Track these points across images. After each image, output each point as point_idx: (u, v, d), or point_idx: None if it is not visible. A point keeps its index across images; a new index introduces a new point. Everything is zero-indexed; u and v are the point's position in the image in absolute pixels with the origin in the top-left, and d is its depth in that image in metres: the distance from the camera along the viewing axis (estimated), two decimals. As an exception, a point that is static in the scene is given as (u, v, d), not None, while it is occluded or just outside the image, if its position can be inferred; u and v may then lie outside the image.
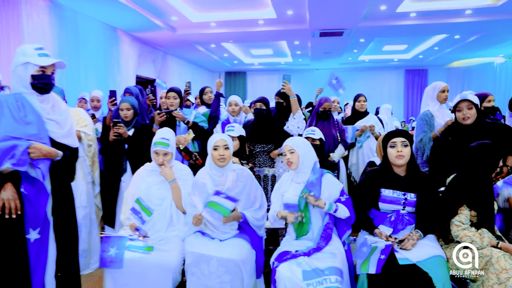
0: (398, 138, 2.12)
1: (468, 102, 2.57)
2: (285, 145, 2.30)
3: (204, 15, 6.72)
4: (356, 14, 6.09)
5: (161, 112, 3.21)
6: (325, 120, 3.57)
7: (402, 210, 2.11)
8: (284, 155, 2.31)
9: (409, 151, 2.10)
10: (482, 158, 2.07)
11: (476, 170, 2.09)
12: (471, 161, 2.11)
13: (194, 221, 2.22)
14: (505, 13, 6.36)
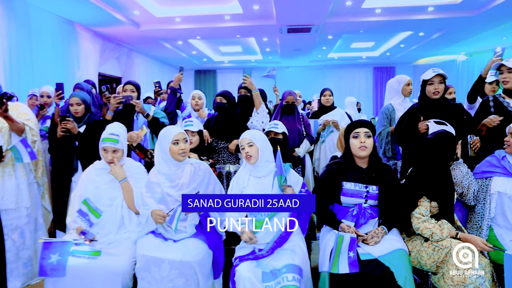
0: (362, 129, 2.04)
1: (440, 77, 2.56)
2: (243, 138, 2.19)
3: (168, 10, 6.50)
4: (323, 9, 6.07)
5: (117, 96, 2.97)
6: (289, 114, 3.48)
7: (364, 203, 2.04)
8: (242, 149, 2.19)
9: (372, 143, 2.03)
10: (438, 148, 2.03)
11: (433, 161, 2.05)
12: (428, 152, 2.07)
13: (160, 220, 2.07)
14: (465, 11, 6.53)
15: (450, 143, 2.03)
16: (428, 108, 2.61)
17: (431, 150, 2.06)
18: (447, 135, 2.06)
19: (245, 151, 2.15)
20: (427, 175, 2.05)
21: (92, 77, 7.00)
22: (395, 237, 1.99)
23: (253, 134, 2.20)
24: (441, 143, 2.04)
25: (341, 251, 1.82)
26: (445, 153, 2.03)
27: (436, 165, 2.04)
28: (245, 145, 2.16)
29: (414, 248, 2.03)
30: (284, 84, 12.92)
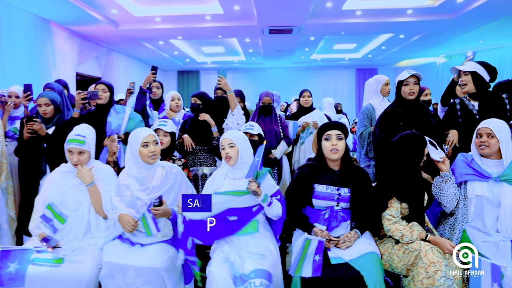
0: (333, 131, 2.02)
1: (415, 78, 2.59)
2: (224, 138, 2.14)
3: (148, 9, 6.38)
4: (303, 10, 6.07)
5: (81, 92, 2.86)
6: (266, 116, 3.44)
7: (336, 206, 2.02)
8: (222, 149, 2.14)
9: (343, 145, 2.01)
10: (402, 150, 2.02)
11: (399, 163, 2.02)
12: (393, 154, 2.05)
13: (130, 228, 1.99)
14: (442, 14, 6.64)
15: (414, 145, 2.00)
16: (403, 109, 2.61)
17: (396, 152, 2.04)
18: (412, 137, 2.04)
19: (225, 151, 2.10)
20: (396, 177, 2.03)
21: (69, 77, 6.81)
22: (368, 240, 1.97)
23: (235, 135, 2.15)
24: (405, 145, 2.02)
25: (307, 254, 1.79)
26: (411, 155, 2.00)
27: (403, 167, 2.02)
28: (226, 145, 2.11)
29: (385, 251, 2.02)
30: (267, 85, 12.92)
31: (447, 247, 1.83)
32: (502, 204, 1.97)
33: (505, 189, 1.98)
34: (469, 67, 2.53)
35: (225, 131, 3.09)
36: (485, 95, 2.54)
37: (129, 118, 3.06)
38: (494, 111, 2.50)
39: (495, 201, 1.99)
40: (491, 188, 2.00)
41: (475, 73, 2.50)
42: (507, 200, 1.97)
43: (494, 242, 1.96)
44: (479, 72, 2.49)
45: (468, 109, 2.57)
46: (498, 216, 1.99)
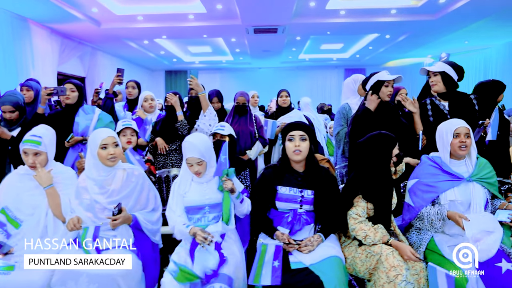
0: (297, 132, 1.96)
1: (393, 81, 2.59)
2: (192, 157, 1.99)
3: (129, 8, 6.29)
4: (286, 10, 6.03)
5: (48, 87, 2.79)
6: (241, 116, 3.39)
7: (299, 208, 1.96)
8: (190, 166, 2.03)
9: (307, 146, 1.95)
10: (374, 149, 1.98)
11: (370, 162, 1.99)
12: (364, 153, 2.01)
13: (70, 227, 1.91)
14: (426, 14, 6.65)
15: (382, 145, 1.96)
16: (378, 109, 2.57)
17: (364, 152, 2.01)
18: (380, 137, 2.00)
19: (195, 169, 2.01)
20: (364, 176, 1.99)
21: (50, 76, 6.69)
22: (332, 244, 1.92)
23: (201, 151, 1.99)
24: (373, 145, 1.99)
25: (265, 261, 1.73)
26: (379, 155, 1.96)
27: (371, 167, 1.98)
28: (195, 164, 2.00)
29: (349, 255, 1.97)
30: (256, 85, 12.89)
31: (407, 253, 1.79)
32: (473, 204, 1.95)
33: (475, 189, 1.97)
34: (438, 67, 2.51)
35: (197, 132, 3.04)
36: (454, 95, 2.52)
37: (98, 119, 2.98)
38: (464, 110, 2.48)
39: (466, 202, 1.97)
40: (462, 190, 1.98)
41: (444, 73, 2.47)
42: (477, 200, 1.95)
43: (461, 246, 1.93)
44: (448, 72, 2.47)
45: (439, 108, 2.54)
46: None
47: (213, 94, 4.09)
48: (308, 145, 1.95)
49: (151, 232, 2.13)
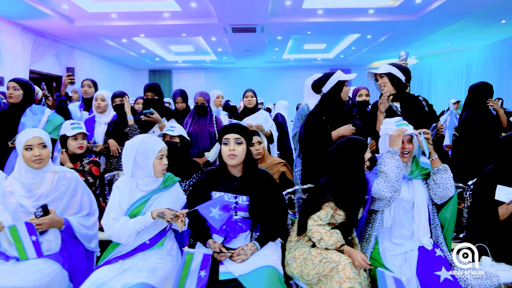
0: (231, 135, 1.85)
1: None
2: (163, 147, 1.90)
3: (102, 5, 6.13)
4: (262, 9, 5.92)
5: None
6: (201, 116, 3.27)
7: (234, 215, 1.86)
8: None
9: (243, 149, 1.84)
10: (346, 156, 1.88)
11: (343, 169, 1.88)
12: (337, 161, 1.90)
13: None
14: (404, 14, 6.61)
15: (353, 151, 1.87)
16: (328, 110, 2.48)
17: (336, 159, 1.91)
18: (350, 142, 1.91)
19: (164, 162, 1.89)
20: (337, 183, 1.88)
21: (20, 74, 6.49)
22: (268, 253, 1.82)
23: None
24: (343, 152, 1.89)
25: (191, 270, 1.62)
26: (351, 161, 1.86)
27: (345, 174, 1.87)
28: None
29: (301, 255, 1.86)
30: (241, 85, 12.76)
31: (358, 260, 1.69)
32: (416, 203, 1.89)
33: (416, 187, 1.93)
34: (383, 70, 2.44)
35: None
36: (404, 96, 2.46)
37: (47, 120, 2.83)
38: (415, 112, 2.42)
39: (410, 201, 1.91)
40: (407, 189, 1.93)
41: (391, 74, 2.41)
42: (419, 197, 1.92)
43: (403, 253, 1.85)
44: (394, 73, 2.40)
45: (392, 110, 2.47)
46: (414, 217, 1.90)
47: (177, 94, 3.97)
48: (245, 149, 1.84)
49: (85, 238, 2.01)
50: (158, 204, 1.87)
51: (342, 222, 1.88)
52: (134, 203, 1.86)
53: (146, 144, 1.87)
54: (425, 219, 1.89)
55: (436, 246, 1.89)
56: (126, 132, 2.91)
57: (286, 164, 2.83)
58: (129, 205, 1.86)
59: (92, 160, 2.65)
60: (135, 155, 1.85)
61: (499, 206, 2.00)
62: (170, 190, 1.95)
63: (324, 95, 2.52)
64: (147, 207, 1.84)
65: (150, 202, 1.86)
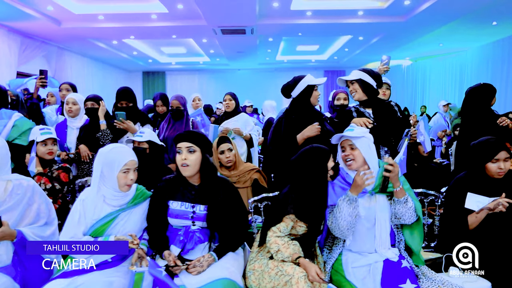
0: (184, 143, 1.78)
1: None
2: (131, 160, 1.79)
3: (88, 7, 6.08)
4: (249, 11, 5.87)
5: None
6: (177, 120, 3.21)
7: (192, 225, 1.79)
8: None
9: (197, 158, 1.77)
10: (308, 165, 1.81)
11: (305, 179, 1.81)
12: (298, 170, 1.83)
13: None
14: (394, 16, 6.56)
15: (315, 160, 1.79)
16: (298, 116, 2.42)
17: (297, 168, 1.84)
18: (312, 151, 1.83)
19: (130, 176, 1.79)
20: (299, 194, 1.81)
21: (7, 76, 6.43)
22: (227, 264, 1.75)
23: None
24: (305, 161, 1.82)
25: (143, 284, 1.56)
26: (312, 171, 1.79)
27: (306, 184, 1.80)
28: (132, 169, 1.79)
29: (259, 268, 1.80)
30: (235, 86, 12.72)
31: (312, 273, 1.63)
32: (377, 220, 1.80)
33: (378, 201, 1.82)
34: (353, 76, 2.38)
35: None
36: (376, 102, 2.40)
37: (14, 125, 2.77)
38: (387, 117, 2.36)
39: (371, 217, 1.81)
40: (366, 204, 1.82)
41: (361, 80, 2.35)
42: (381, 214, 1.81)
43: (367, 265, 1.78)
44: (365, 79, 2.34)
45: (364, 116, 2.41)
46: (375, 235, 1.82)
47: (157, 97, 3.91)
48: (199, 157, 1.77)
49: None
50: (125, 223, 1.77)
51: (303, 234, 1.81)
52: (99, 220, 1.76)
53: (113, 154, 1.78)
54: (387, 235, 1.81)
55: (403, 257, 1.83)
56: (98, 137, 2.84)
57: (259, 170, 2.77)
58: (94, 221, 1.76)
59: (61, 166, 2.59)
60: (102, 165, 1.78)
61: (469, 214, 1.94)
62: (141, 207, 1.86)
63: (293, 99, 2.46)
64: (113, 226, 1.75)
65: (117, 221, 1.76)
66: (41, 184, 2.46)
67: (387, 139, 2.36)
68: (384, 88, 3.38)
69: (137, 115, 3.07)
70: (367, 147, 1.82)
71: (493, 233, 1.89)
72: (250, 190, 2.71)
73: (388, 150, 2.36)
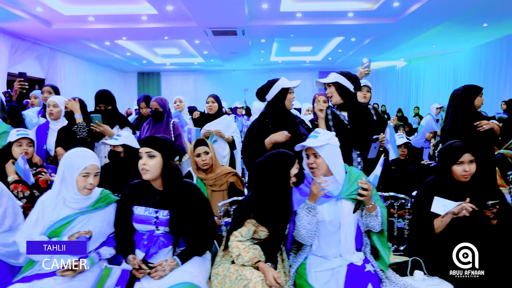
0: (144, 148, 1.78)
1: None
2: (92, 164, 1.79)
3: (78, 8, 6.09)
4: (238, 12, 5.87)
5: None
6: (157, 122, 3.21)
7: (156, 230, 1.79)
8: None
9: (157, 163, 1.76)
10: (271, 169, 1.81)
11: (266, 184, 1.82)
12: (261, 174, 1.84)
13: None
14: (384, 18, 6.56)
15: (278, 165, 1.80)
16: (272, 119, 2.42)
17: (260, 172, 1.84)
18: (276, 156, 1.84)
19: (89, 181, 1.77)
20: (259, 198, 1.82)
21: (-2, 77, 6.46)
22: (190, 269, 1.75)
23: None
24: (269, 165, 1.82)
25: (105, 286, 1.56)
26: (274, 176, 1.79)
27: (267, 189, 1.81)
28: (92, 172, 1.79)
29: (222, 272, 1.80)
30: (230, 87, 12.77)
31: (269, 277, 1.63)
32: (342, 225, 1.80)
33: (344, 207, 1.81)
34: (331, 79, 2.38)
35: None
36: (352, 105, 2.39)
37: None
38: (362, 121, 2.35)
39: (336, 222, 1.81)
40: (331, 209, 1.82)
41: (338, 84, 2.34)
42: (346, 219, 1.80)
43: (330, 269, 1.78)
44: (342, 82, 2.34)
45: (339, 119, 2.41)
46: (340, 239, 1.82)
47: (140, 99, 3.92)
48: (159, 162, 1.76)
49: (7, 256, 1.93)
50: (83, 226, 1.76)
51: (266, 238, 1.82)
52: (56, 222, 1.75)
53: (74, 157, 1.78)
54: (352, 239, 1.81)
55: (367, 261, 1.83)
56: (74, 131, 2.82)
57: (236, 174, 2.76)
58: (51, 223, 1.75)
59: (38, 171, 2.57)
60: (64, 168, 1.78)
61: (436, 218, 1.94)
62: (102, 212, 1.84)
63: (268, 102, 2.46)
64: (70, 229, 1.74)
65: (74, 223, 1.75)
66: (18, 192, 2.43)
67: (360, 143, 2.36)
68: (365, 91, 3.38)
69: (116, 118, 3.07)
70: (331, 154, 1.80)
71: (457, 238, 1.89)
72: (226, 193, 2.70)
73: (360, 154, 2.35)
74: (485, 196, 1.91)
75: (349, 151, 2.36)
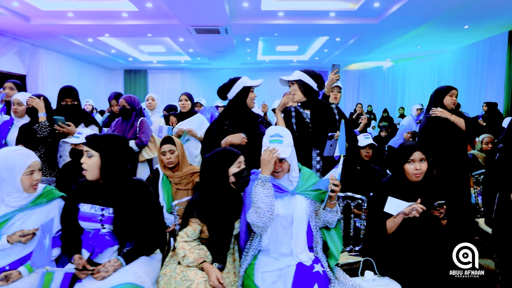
0: (84, 148, 1.76)
1: None
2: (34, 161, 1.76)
3: (55, 3, 5.99)
4: (219, 10, 5.83)
5: None
6: (124, 120, 3.17)
7: (102, 229, 1.76)
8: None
9: (94, 162, 1.71)
10: (211, 166, 1.81)
11: (206, 180, 1.83)
12: (203, 170, 1.85)
13: None
14: (366, 18, 6.58)
15: (217, 163, 1.80)
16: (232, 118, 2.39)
17: (203, 168, 1.85)
18: (218, 154, 1.84)
19: (35, 178, 1.75)
20: (200, 194, 1.83)
21: (-27, 74, 6.33)
22: (136, 268, 1.71)
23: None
24: (209, 162, 1.82)
25: None
26: (213, 173, 1.80)
27: (206, 185, 1.82)
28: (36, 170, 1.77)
29: (169, 272, 1.78)
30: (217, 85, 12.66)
31: (212, 279, 1.62)
32: (294, 219, 1.79)
33: (298, 202, 1.81)
34: (294, 76, 2.37)
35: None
36: (315, 104, 2.38)
37: None
38: (324, 120, 2.34)
39: (289, 216, 1.80)
40: (285, 204, 1.81)
41: (301, 82, 2.33)
42: (298, 214, 1.80)
43: (278, 269, 1.76)
44: (305, 80, 2.33)
45: (302, 117, 2.39)
46: (292, 234, 1.80)
47: (111, 96, 3.87)
48: (97, 161, 1.71)
49: None
50: (22, 224, 1.71)
51: (209, 237, 1.80)
52: None
53: (12, 158, 1.71)
54: (304, 236, 1.80)
55: (317, 261, 1.81)
56: (35, 130, 2.76)
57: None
58: None
59: None
60: (1, 171, 1.70)
61: (388, 219, 1.94)
62: (44, 208, 1.80)
63: (229, 101, 2.43)
64: (8, 227, 1.69)
65: (12, 221, 1.70)
66: None
67: (320, 142, 2.35)
68: (335, 91, 3.39)
69: (81, 115, 3.01)
70: (292, 154, 1.83)
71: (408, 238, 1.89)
72: (191, 192, 2.68)
73: (319, 153, 2.34)
74: (437, 197, 1.91)
75: (309, 149, 2.35)
